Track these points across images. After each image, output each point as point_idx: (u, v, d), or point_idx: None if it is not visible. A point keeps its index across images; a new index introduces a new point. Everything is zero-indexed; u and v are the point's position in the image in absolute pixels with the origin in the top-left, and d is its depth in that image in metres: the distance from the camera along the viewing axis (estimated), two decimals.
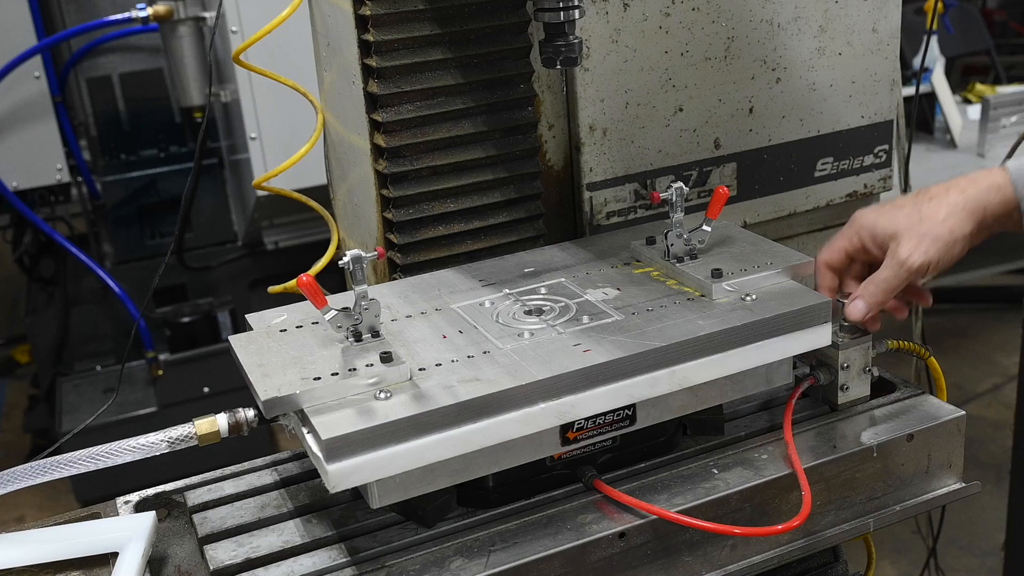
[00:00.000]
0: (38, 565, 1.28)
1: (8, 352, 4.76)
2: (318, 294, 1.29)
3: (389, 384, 1.24)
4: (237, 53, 1.83)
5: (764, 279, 1.44)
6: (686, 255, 1.50)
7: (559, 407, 1.25)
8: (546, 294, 1.47)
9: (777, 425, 1.47)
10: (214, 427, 1.27)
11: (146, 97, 3.89)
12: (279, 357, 1.30)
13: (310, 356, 1.30)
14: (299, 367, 1.27)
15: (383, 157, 1.60)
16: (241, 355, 1.32)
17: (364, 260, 1.31)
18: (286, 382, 1.23)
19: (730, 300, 1.40)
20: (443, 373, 1.26)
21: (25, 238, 4.10)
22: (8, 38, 3.35)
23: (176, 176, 3.93)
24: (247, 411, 1.28)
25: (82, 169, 3.89)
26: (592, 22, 1.70)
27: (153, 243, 3.98)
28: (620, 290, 1.46)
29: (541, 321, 1.39)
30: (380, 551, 1.29)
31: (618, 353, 1.28)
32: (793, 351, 1.39)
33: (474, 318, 1.41)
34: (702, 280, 1.43)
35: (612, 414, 1.31)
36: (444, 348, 1.33)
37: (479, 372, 1.25)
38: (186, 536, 1.37)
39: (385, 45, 1.54)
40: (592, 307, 1.41)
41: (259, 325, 1.41)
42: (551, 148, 1.77)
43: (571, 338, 1.33)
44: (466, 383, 1.23)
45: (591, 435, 1.31)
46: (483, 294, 1.48)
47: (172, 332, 3.86)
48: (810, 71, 1.91)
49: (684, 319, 1.35)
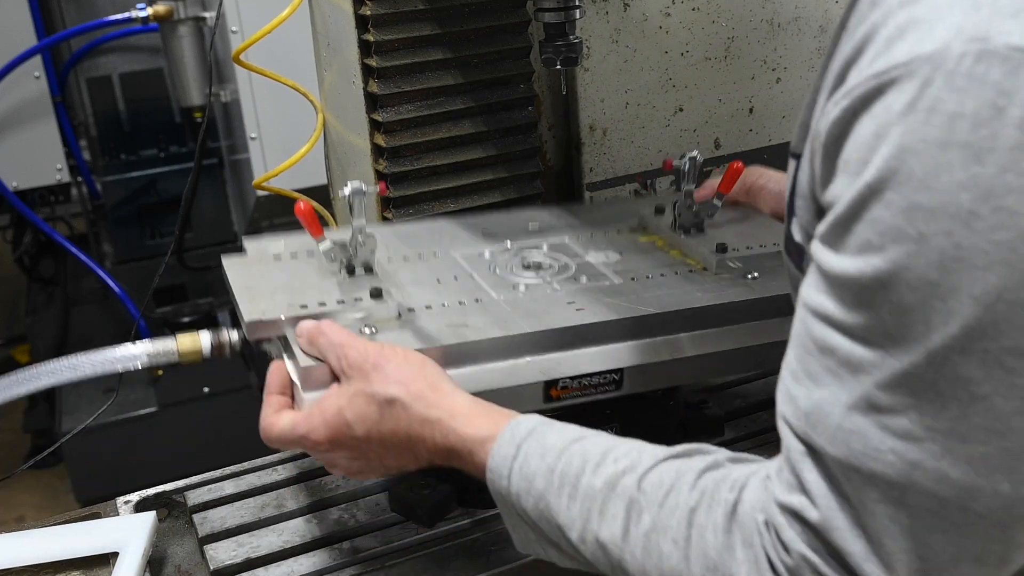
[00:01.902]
0: (38, 565, 1.28)
1: (8, 352, 4.75)
2: (315, 223, 1.27)
3: (377, 320, 1.22)
4: (237, 53, 1.83)
5: (770, 259, 1.42)
6: (694, 227, 1.49)
7: (545, 362, 1.23)
8: (547, 251, 1.46)
9: None
10: (196, 344, 1.25)
11: (146, 97, 3.88)
12: (269, 282, 1.29)
13: (300, 284, 1.28)
14: (288, 294, 1.25)
15: (383, 157, 1.60)
16: (231, 275, 1.31)
17: (365, 193, 1.28)
18: (272, 306, 1.22)
19: (732, 276, 1.38)
20: (432, 316, 1.25)
21: (25, 238, 4.09)
22: (8, 38, 3.34)
23: (176, 176, 3.92)
24: (231, 332, 1.26)
25: (82, 169, 3.88)
26: (592, 22, 1.70)
27: (153, 243, 3.97)
28: (622, 255, 1.45)
29: (538, 276, 1.38)
30: (380, 551, 1.29)
31: (611, 315, 1.27)
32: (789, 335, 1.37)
33: (471, 266, 1.40)
34: (706, 253, 1.42)
35: (599, 376, 1.28)
36: (437, 292, 1.32)
37: (468, 318, 1.25)
38: (186, 536, 1.38)
39: (385, 45, 1.54)
40: (592, 268, 1.40)
41: (255, 251, 1.40)
42: (551, 148, 1.77)
43: (566, 295, 1.32)
44: (454, 327, 1.22)
45: (575, 395, 1.28)
46: (484, 245, 1.47)
47: (172, 332, 3.86)
48: (810, 71, 1.91)
49: (682, 290, 1.34)
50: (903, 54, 0.74)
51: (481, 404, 1.08)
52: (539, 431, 1.02)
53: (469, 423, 1.05)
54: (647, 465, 0.94)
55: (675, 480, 0.91)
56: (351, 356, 1.11)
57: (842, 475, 0.79)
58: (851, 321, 0.78)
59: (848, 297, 0.78)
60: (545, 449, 1.00)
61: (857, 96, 0.77)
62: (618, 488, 0.93)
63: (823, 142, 0.81)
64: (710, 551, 0.87)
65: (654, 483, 0.92)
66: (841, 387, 0.79)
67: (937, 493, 0.76)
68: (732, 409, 1.55)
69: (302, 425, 1.11)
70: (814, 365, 0.81)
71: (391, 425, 1.08)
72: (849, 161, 0.77)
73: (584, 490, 0.95)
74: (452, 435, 1.06)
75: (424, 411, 1.07)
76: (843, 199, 0.77)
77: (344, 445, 1.10)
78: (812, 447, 0.81)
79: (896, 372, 0.76)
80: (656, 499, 0.91)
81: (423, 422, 1.07)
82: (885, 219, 0.74)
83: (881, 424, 0.77)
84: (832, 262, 0.79)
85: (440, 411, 1.07)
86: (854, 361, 0.78)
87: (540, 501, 0.98)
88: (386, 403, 1.08)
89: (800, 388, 0.83)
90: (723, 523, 0.87)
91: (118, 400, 3.07)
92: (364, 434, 1.09)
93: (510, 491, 1.00)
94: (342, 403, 1.10)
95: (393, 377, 1.09)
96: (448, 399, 1.08)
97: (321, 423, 1.10)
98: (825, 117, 0.80)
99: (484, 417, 1.06)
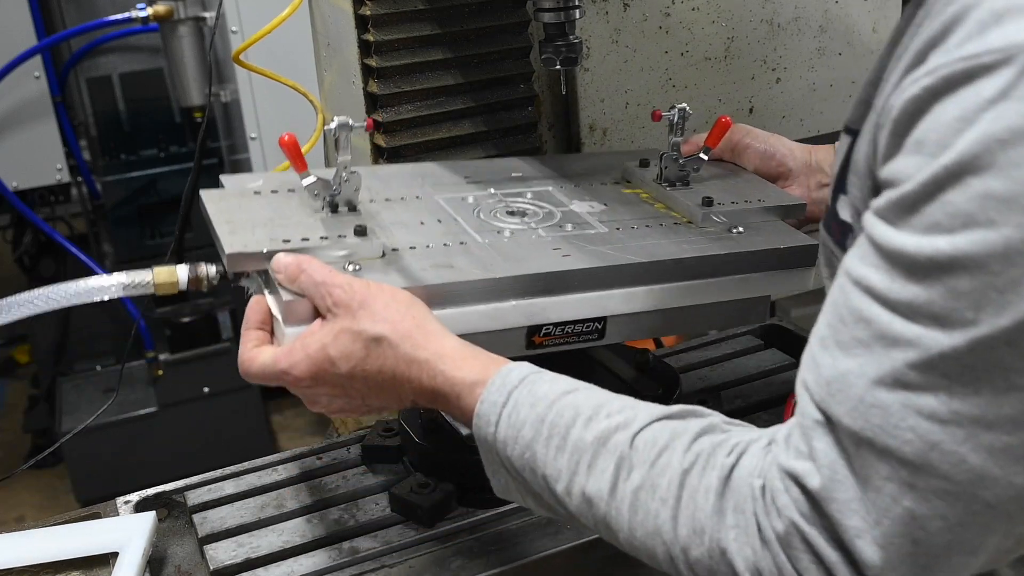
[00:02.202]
0: (38, 565, 1.28)
1: (8, 352, 4.75)
2: (299, 156, 1.25)
3: (360, 258, 1.21)
4: (237, 53, 1.83)
5: (755, 214, 1.41)
6: (678, 180, 1.48)
7: (529, 307, 1.23)
8: (531, 199, 1.45)
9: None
10: (173, 276, 1.22)
11: (146, 97, 3.88)
12: (250, 217, 1.27)
13: (282, 220, 1.26)
14: (269, 228, 1.23)
15: (383, 157, 1.60)
16: (210, 209, 1.28)
17: (351, 128, 1.27)
18: (254, 240, 1.20)
19: (716, 230, 1.37)
20: (416, 256, 1.24)
21: (25, 238, 4.10)
22: (8, 38, 3.34)
23: (176, 176, 3.93)
24: (209, 266, 1.23)
25: (82, 169, 3.89)
26: (592, 22, 1.70)
27: (153, 243, 3.98)
28: (607, 206, 1.44)
29: (523, 223, 1.37)
30: (380, 551, 1.29)
31: (596, 263, 1.26)
32: (773, 290, 1.36)
33: (455, 210, 1.38)
34: (691, 207, 1.41)
35: (581, 324, 1.27)
36: (420, 233, 1.30)
37: (452, 260, 1.23)
38: (186, 536, 1.37)
39: (385, 45, 1.54)
40: (576, 217, 1.40)
41: (234, 187, 1.38)
42: (551, 148, 1.77)
43: (552, 242, 1.31)
44: (438, 268, 1.21)
45: (557, 343, 1.27)
46: (467, 190, 1.46)
47: (172, 332, 3.86)
48: (810, 71, 1.91)
49: (668, 240, 1.33)
50: (999, 40, 0.74)
51: (470, 348, 1.07)
52: (531, 379, 1.01)
53: (457, 366, 1.04)
54: (641, 423, 0.93)
55: (669, 440, 0.91)
56: (336, 294, 1.09)
57: (854, 448, 0.79)
58: (898, 296, 0.77)
59: (900, 272, 0.77)
60: (536, 398, 0.99)
61: (941, 77, 0.76)
62: (609, 443, 0.93)
63: (894, 117, 0.80)
64: (699, 514, 0.86)
65: (647, 441, 0.92)
66: (870, 359, 0.79)
67: (951, 476, 0.76)
68: (732, 409, 1.55)
69: (283, 360, 1.09)
70: (846, 334, 0.81)
71: (377, 364, 1.06)
72: (924, 141, 0.77)
73: (574, 442, 0.95)
74: (439, 377, 1.04)
75: (412, 351, 1.05)
76: (915, 178, 0.76)
77: (327, 382, 1.08)
78: (828, 416, 0.81)
79: (934, 352, 0.75)
80: (648, 458, 0.91)
81: (410, 362, 1.05)
82: (958, 203, 0.74)
83: (906, 401, 0.77)
84: (889, 236, 0.78)
85: (428, 352, 1.05)
86: (891, 335, 0.77)
87: (527, 451, 0.97)
88: (373, 341, 1.06)
89: (826, 355, 0.82)
90: (716, 487, 0.86)
91: (118, 400, 3.07)
92: (348, 372, 1.07)
93: (496, 438, 1.00)
94: (326, 340, 1.07)
95: (381, 315, 1.07)
96: (436, 340, 1.07)
97: (303, 358, 1.08)
98: (900, 93, 0.79)
99: (473, 361, 1.05)
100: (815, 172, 1.52)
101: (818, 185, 1.51)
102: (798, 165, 1.53)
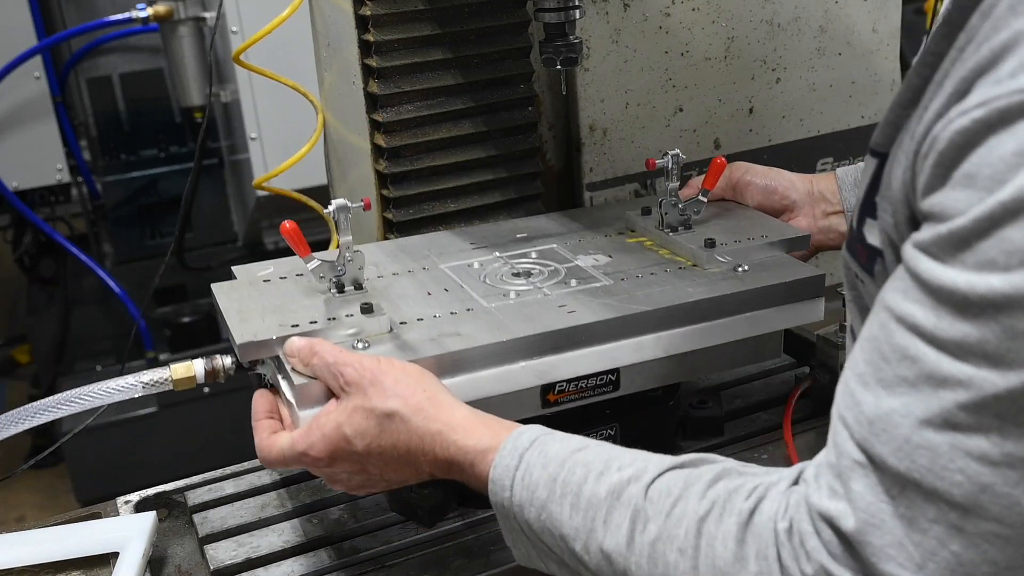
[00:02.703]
0: (38, 565, 1.28)
1: (8, 352, 4.75)
2: (301, 242, 1.27)
3: (368, 335, 1.22)
4: (237, 53, 1.83)
5: (758, 250, 1.42)
6: (680, 225, 1.49)
7: (540, 366, 1.24)
8: (536, 258, 1.46)
9: (777, 425, 1.47)
10: (190, 372, 1.26)
11: (146, 97, 3.88)
12: (259, 304, 1.29)
13: (291, 305, 1.28)
14: (279, 315, 1.25)
15: (383, 157, 1.60)
16: (221, 301, 1.31)
17: (350, 210, 1.29)
18: (264, 327, 1.22)
19: (722, 270, 1.38)
20: (424, 327, 1.25)
21: (25, 238, 4.10)
22: (8, 38, 3.34)
23: (176, 176, 3.93)
24: (224, 358, 1.27)
25: (82, 169, 3.89)
26: (592, 22, 1.70)
27: (153, 243, 3.98)
28: (611, 257, 1.45)
29: (528, 283, 1.38)
30: (380, 551, 1.29)
31: (604, 315, 1.26)
32: (784, 324, 1.37)
33: (461, 278, 1.40)
34: (695, 249, 1.42)
35: (595, 378, 1.28)
36: (427, 304, 1.32)
37: (460, 327, 1.24)
38: (186, 536, 1.38)
39: (385, 45, 1.54)
40: (581, 272, 1.41)
41: (244, 277, 1.40)
42: (551, 148, 1.77)
43: (557, 299, 1.32)
44: (446, 337, 1.22)
45: (573, 399, 1.28)
46: (473, 256, 1.47)
47: (172, 332, 3.86)
48: (810, 71, 1.91)
49: (673, 286, 1.34)
50: None
51: (480, 415, 1.08)
52: (541, 441, 1.01)
53: (469, 434, 1.05)
54: (653, 473, 0.93)
55: (683, 489, 0.90)
56: (347, 373, 1.10)
57: (898, 489, 0.77)
58: (946, 335, 0.75)
59: (948, 310, 0.75)
60: (547, 459, 0.99)
61: (995, 109, 0.73)
62: (623, 497, 0.92)
63: (940, 149, 0.77)
64: (719, 562, 0.84)
65: (661, 491, 0.91)
66: (917, 399, 0.76)
67: (1002, 520, 0.74)
68: (732, 409, 1.55)
69: (301, 442, 1.11)
70: (889, 372, 0.78)
71: (391, 439, 1.08)
72: (976, 176, 0.74)
73: (587, 499, 0.94)
74: (452, 447, 1.05)
75: (424, 424, 1.07)
76: (966, 213, 0.74)
77: (344, 460, 1.10)
78: (870, 456, 0.79)
79: (987, 393, 0.73)
80: (663, 508, 0.89)
81: (423, 435, 1.06)
82: (1016, 240, 0.71)
83: (955, 442, 0.74)
84: (936, 273, 0.76)
85: (440, 423, 1.06)
86: (939, 375, 0.75)
87: (542, 512, 0.97)
88: (385, 417, 1.07)
89: (868, 394, 0.80)
90: (735, 533, 0.85)
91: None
92: (364, 449, 1.08)
93: (512, 502, 0.99)
94: (340, 419, 1.09)
95: (391, 391, 1.08)
96: (447, 411, 1.08)
97: (320, 438, 1.10)
98: (947, 124, 0.77)
99: (484, 428, 1.05)
100: (819, 201, 1.53)
101: (823, 214, 1.52)
102: (800, 197, 1.54)
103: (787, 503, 0.84)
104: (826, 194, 1.53)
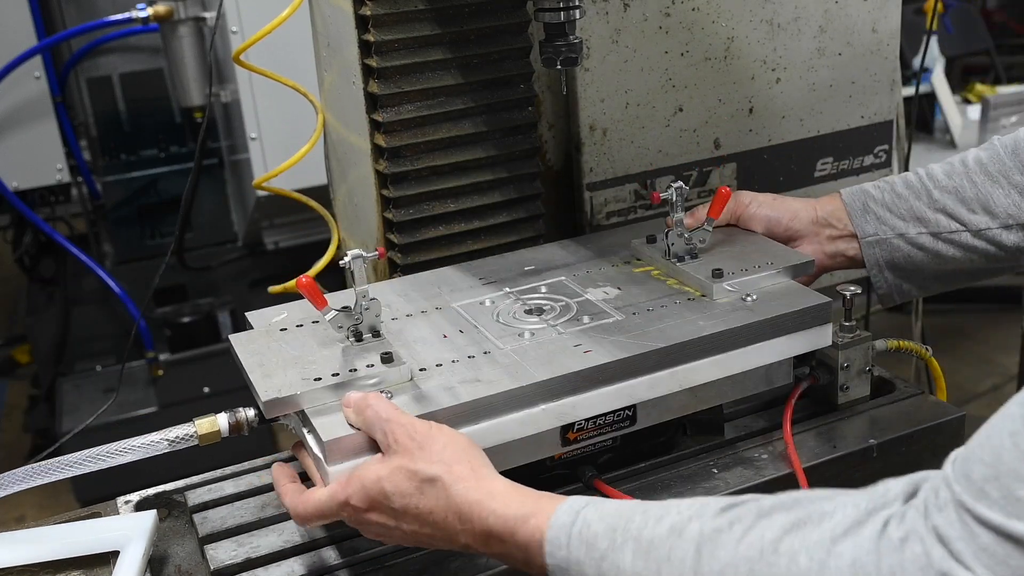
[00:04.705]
0: (38, 565, 1.28)
1: (8, 352, 4.75)
2: (318, 295, 1.29)
3: (390, 385, 1.24)
4: (237, 53, 1.83)
5: (765, 279, 1.44)
6: (687, 254, 1.51)
7: (559, 408, 1.25)
8: (546, 293, 1.47)
9: (777, 425, 1.47)
10: (215, 427, 1.27)
11: (146, 97, 3.89)
12: (279, 357, 1.30)
13: (311, 356, 1.30)
14: (300, 367, 1.27)
15: (383, 157, 1.60)
16: (242, 354, 1.32)
17: (365, 260, 1.31)
18: (287, 383, 1.23)
19: (731, 300, 1.40)
20: (444, 374, 1.26)
21: (25, 238, 4.10)
22: (8, 38, 3.35)
23: (176, 176, 3.93)
24: (247, 411, 1.28)
25: (82, 169, 3.89)
26: (592, 22, 1.70)
27: (153, 243, 3.98)
28: (620, 289, 1.46)
29: (541, 321, 1.39)
30: (380, 551, 1.29)
31: (619, 354, 1.28)
32: (794, 351, 1.39)
33: (474, 317, 1.41)
34: (703, 280, 1.43)
35: (612, 415, 1.30)
36: (445, 348, 1.33)
37: (479, 373, 1.26)
38: (186, 536, 1.38)
39: (385, 45, 1.54)
40: (593, 307, 1.41)
41: (259, 323, 1.41)
42: (551, 148, 1.77)
43: (572, 338, 1.33)
44: (466, 384, 1.23)
45: (591, 436, 1.30)
46: (483, 292, 1.48)
47: (172, 332, 3.86)
48: (810, 71, 1.91)
49: (684, 320, 1.36)
50: None
51: (520, 487, 1.08)
52: (596, 501, 1.02)
53: (508, 504, 1.05)
54: (715, 510, 0.92)
55: (755, 520, 0.89)
56: (398, 433, 1.12)
57: None
58: None
59: None
60: (604, 513, 0.99)
61: None
62: (685, 533, 0.92)
63: None
64: None
65: (732, 520, 0.90)
66: None
67: None
68: (732, 409, 1.55)
69: (341, 492, 1.13)
70: None
71: (429, 504, 1.09)
72: None
73: (648, 540, 0.94)
74: (491, 516, 1.05)
75: (464, 493, 1.07)
76: None
77: (380, 511, 1.12)
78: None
79: None
80: (734, 536, 0.89)
81: (462, 503, 1.07)
82: None
83: None
84: None
85: (480, 493, 1.07)
86: None
87: (603, 561, 0.96)
88: (427, 481, 1.09)
89: None
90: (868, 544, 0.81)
91: (118, 400, 3.07)
92: (401, 507, 1.10)
93: (569, 559, 0.99)
94: (383, 473, 1.11)
95: (437, 456, 1.10)
96: (488, 483, 1.08)
97: (359, 488, 1.11)
98: None
99: (524, 497, 1.06)
100: (823, 227, 1.54)
101: (829, 239, 1.54)
102: (804, 225, 1.55)
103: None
104: (831, 219, 1.53)
